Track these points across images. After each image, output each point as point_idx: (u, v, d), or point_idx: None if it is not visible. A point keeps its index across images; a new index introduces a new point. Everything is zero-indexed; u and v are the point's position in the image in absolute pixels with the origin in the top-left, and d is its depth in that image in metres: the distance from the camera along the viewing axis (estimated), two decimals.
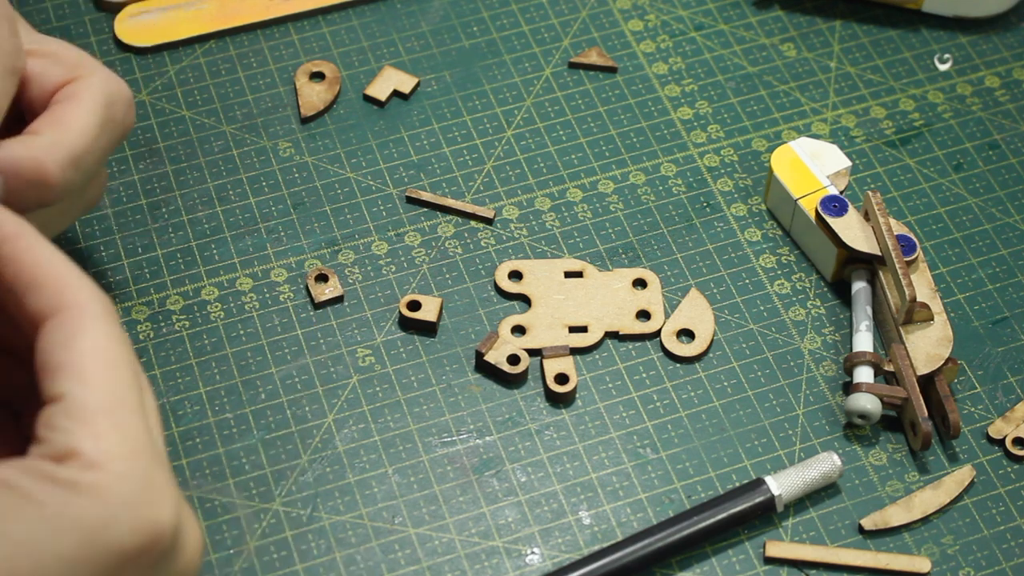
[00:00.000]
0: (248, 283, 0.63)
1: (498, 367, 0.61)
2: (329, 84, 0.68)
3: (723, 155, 0.68)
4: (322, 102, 0.68)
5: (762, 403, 0.61)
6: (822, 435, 0.60)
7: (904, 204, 0.67)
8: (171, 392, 0.60)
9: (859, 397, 0.59)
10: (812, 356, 0.62)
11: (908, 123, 0.69)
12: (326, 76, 0.68)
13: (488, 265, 0.64)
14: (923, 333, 0.61)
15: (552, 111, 0.69)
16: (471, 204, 0.66)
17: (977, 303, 0.64)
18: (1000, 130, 0.69)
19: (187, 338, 0.61)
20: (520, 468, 0.59)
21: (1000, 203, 0.67)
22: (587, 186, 0.67)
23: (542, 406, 0.61)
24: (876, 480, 0.59)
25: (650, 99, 0.70)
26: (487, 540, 0.58)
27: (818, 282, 0.64)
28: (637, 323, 0.63)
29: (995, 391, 0.62)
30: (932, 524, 0.59)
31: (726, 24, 0.72)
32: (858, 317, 0.62)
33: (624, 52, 0.71)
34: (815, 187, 0.64)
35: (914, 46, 0.72)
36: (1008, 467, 0.60)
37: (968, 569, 0.58)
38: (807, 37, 0.72)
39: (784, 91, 0.70)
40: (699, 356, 0.62)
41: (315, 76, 0.69)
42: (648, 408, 0.61)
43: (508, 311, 0.63)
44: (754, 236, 0.66)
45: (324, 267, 0.63)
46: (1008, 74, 0.71)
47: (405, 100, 0.68)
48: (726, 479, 0.59)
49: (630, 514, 0.58)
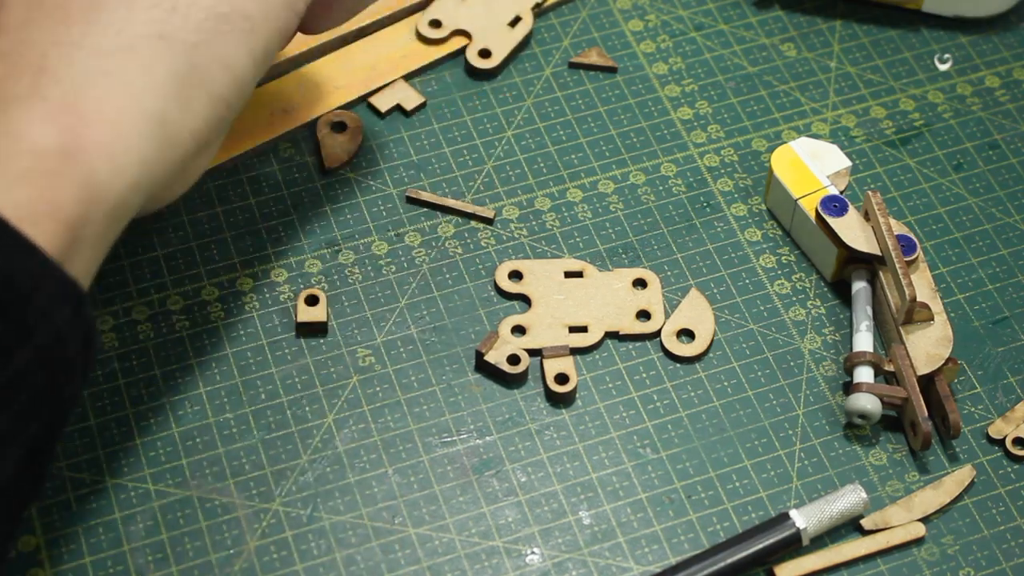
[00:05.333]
0: (248, 283, 0.63)
1: (498, 367, 0.61)
2: (352, 135, 0.67)
3: (723, 155, 0.68)
4: (346, 153, 0.67)
5: (762, 403, 0.61)
6: (822, 435, 0.60)
7: (904, 204, 0.67)
8: (171, 392, 0.60)
9: (859, 397, 0.59)
10: (812, 356, 0.62)
11: (908, 123, 0.69)
12: (348, 127, 0.67)
13: (488, 265, 0.64)
14: (923, 333, 0.61)
15: (552, 111, 0.69)
16: (471, 204, 0.66)
17: (977, 303, 0.64)
18: (1000, 130, 0.69)
19: (187, 338, 0.61)
20: (520, 468, 0.59)
21: (1000, 203, 0.67)
22: (587, 186, 0.67)
23: (542, 406, 0.61)
24: (876, 480, 0.59)
25: (650, 99, 0.70)
26: (487, 540, 0.58)
27: (818, 282, 0.64)
28: (637, 323, 0.63)
29: (995, 391, 0.62)
30: (932, 524, 0.59)
31: (726, 24, 0.72)
32: (858, 317, 0.62)
33: (624, 52, 0.71)
34: (815, 187, 0.64)
35: (914, 46, 0.72)
36: (1008, 467, 0.60)
37: (968, 569, 0.58)
38: (807, 37, 0.72)
39: (784, 91, 0.70)
40: (699, 356, 0.62)
41: (336, 127, 0.67)
42: (648, 408, 0.61)
43: (508, 311, 0.63)
44: (754, 236, 0.66)
45: (317, 289, 0.62)
46: (1008, 74, 0.71)
47: (406, 116, 0.68)
48: (726, 479, 0.59)
49: (630, 514, 0.58)
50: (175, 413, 0.60)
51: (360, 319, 0.62)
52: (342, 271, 0.64)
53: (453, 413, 0.60)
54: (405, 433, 0.60)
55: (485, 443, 0.60)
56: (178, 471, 0.58)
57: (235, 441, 0.59)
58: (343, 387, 0.61)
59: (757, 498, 0.59)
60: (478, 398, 0.61)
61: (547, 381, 0.61)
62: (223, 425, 0.59)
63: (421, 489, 0.59)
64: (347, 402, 0.60)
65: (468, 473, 0.59)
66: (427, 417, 0.60)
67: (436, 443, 0.60)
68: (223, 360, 0.61)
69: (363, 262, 0.64)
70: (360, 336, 0.62)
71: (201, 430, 0.59)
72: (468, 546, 0.57)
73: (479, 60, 0.69)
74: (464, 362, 0.62)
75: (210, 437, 0.59)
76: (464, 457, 0.59)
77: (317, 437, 0.59)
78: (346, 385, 0.61)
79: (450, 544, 0.57)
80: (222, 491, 0.58)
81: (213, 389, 0.60)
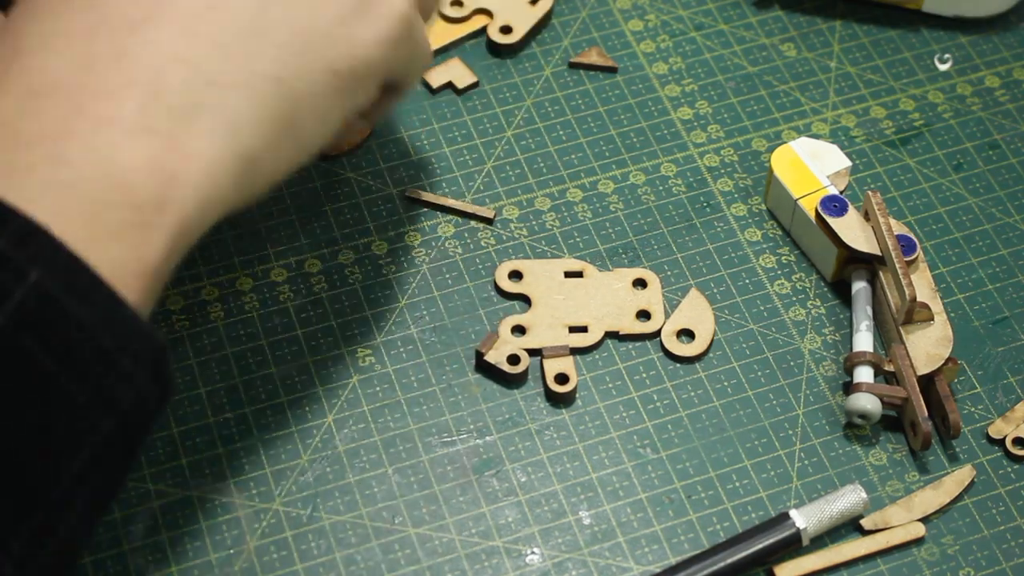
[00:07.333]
0: (248, 283, 0.63)
1: (498, 367, 0.61)
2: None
3: (723, 155, 0.68)
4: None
5: (762, 403, 0.61)
6: (822, 435, 0.60)
7: (904, 204, 0.67)
8: None
9: (859, 397, 0.59)
10: (812, 356, 0.62)
11: (908, 123, 0.69)
12: None
13: (488, 265, 0.64)
14: (923, 333, 0.61)
15: (552, 111, 0.69)
16: (471, 204, 0.66)
17: (977, 303, 0.64)
18: (1000, 130, 0.69)
19: (187, 338, 0.61)
20: (520, 468, 0.59)
21: (1000, 203, 0.67)
22: (587, 186, 0.67)
23: (542, 406, 0.61)
24: (876, 480, 0.59)
25: (650, 99, 0.70)
26: (487, 540, 0.58)
27: (818, 282, 0.64)
28: (637, 323, 0.63)
29: (995, 391, 0.62)
30: (932, 524, 0.59)
31: (726, 24, 0.72)
32: (858, 317, 0.62)
33: (624, 52, 0.71)
34: (815, 187, 0.64)
35: (914, 46, 0.72)
36: (1008, 467, 0.60)
37: (968, 569, 0.58)
38: (807, 37, 0.72)
39: (784, 91, 0.70)
40: (699, 356, 0.62)
41: None
42: (648, 408, 0.61)
43: (508, 311, 0.63)
44: (754, 236, 0.66)
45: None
46: (1008, 74, 0.71)
47: (457, 95, 0.69)
48: (726, 479, 0.59)
49: (630, 514, 0.58)
50: (175, 413, 0.60)
51: (360, 319, 0.62)
52: (342, 271, 0.64)
53: (453, 413, 0.60)
54: (405, 433, 0.60)
55: (485, 443, 0.60)
56: (178, 471, 0.58)
57: (235, 441, 0.59)
58: (343, 387, 0.61)
59: (757, 498, 0.59)
60: (478, 398, 0.61)
61: (547, 381, 0.61)
62: (223, 425, 0.59)
63: (421, 489, 0.59)
64: (347, 402, 0.60)
65: (468, 473, 0.59)
66: (427, 417, 0.60)
67: (436, 443, 0.60)
68: (223, 360, 0.61)
69: (363, 262, 0.64)
70: (360, 336, 0.62)
71: (201, 430, 0.59)
72: (468, 546, 0.57)
73: (500, 36, 0.70)
74: (464, 362, 0.62)
75: (210, 437, 0.59)
76: (464, 457, 0.59)
77: (317, 437, 0.59)
78: (346, 385, 0.61)
79: (450, 544, 0.57)
80: (222, 491, 0.58)
81: (213, 389, 0.60)
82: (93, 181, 0.45)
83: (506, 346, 0.61)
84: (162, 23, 0.48)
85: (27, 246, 0.43)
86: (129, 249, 0.45)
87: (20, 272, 0.43)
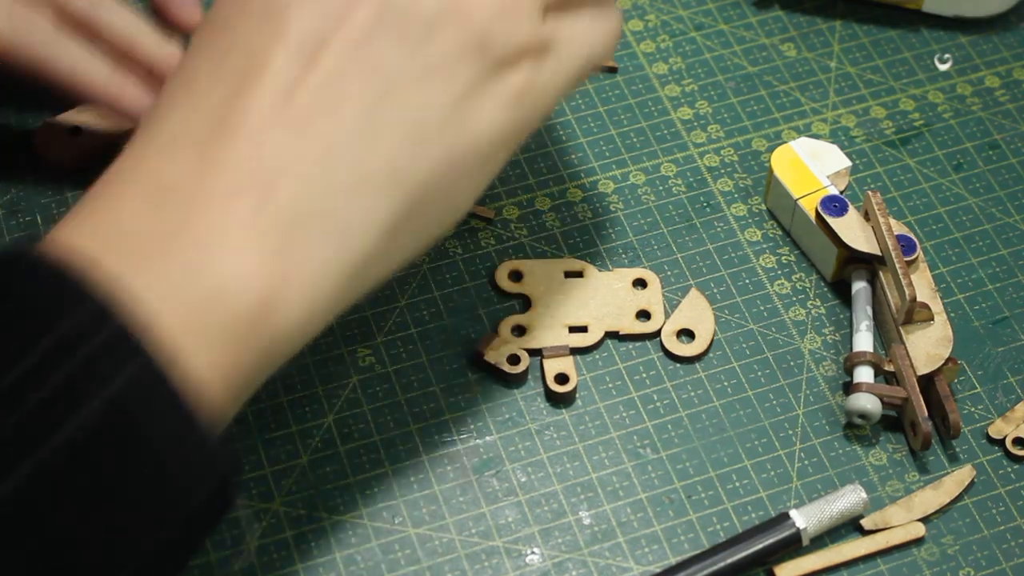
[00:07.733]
0: None
1: (498, 367, 0.61)
2: None
3: (723, 155, 0.68)
4: None
5: (762, 403, 0.61)
6: (822, 435, 0.60)
7: (904, 204, 0.67)
8: None
9: (859, 397, 0.59)
10: (812, 356, 0.62)
11: (908, 123, 0.69)
12: None
13: (488, 265, 0.64)
14: (923, 333, 0.61)
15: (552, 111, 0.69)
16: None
17: (977, 303, 0.64)
18: (1000, 130, 0.69)
19: None
20: (520, 468, 0.59)
21: (1000, 203, 0.67)
22: (587, 186, 0.67)
23: (542, 406, 0.61)
24: (876, 480, 0.59)
25: (650, 99, 0.70)
26: (487, 540, 0.58)
27: (818, 282, 0.64)
28: (637, 323, 0.63)
29: (995, 391, 0.62)
30: (932, 524, 0.59)
31: (726, 24, 0.72)
32: (858, 317, 0.62)
33: (624, 52, 0.71)
34: (815, 187, 0.64)
35: (914, 46, 0.72)
36: (1008, 467, 0.60)
37: (968, 569, 0.58)
38: (807, 37, 0.72)
39: (784, 91, 0.70)
40: (699, 356, 0.62)
41: None
42: (648, 408, 0.61)
43: (508, 311, 0.63)
44: (754, 236, 0.66)
45: None
46: (1008, 74, 0.71)
47: None
48: (726, 479, 0.59)
49: (630, 514, 0.58)
50: None
51: (360, 319, 0.62)
52: None
53: (453, 413, 0.60)
54: (405, 433, 0.60)
55: (485, 443, 0.60)
56: None
57: (235, 441, 0.59)
58: (343, 387, 0.61)
59: (757, 498, 0.59)
60: (478, 398, 0.61)
61: (547, 381, 0.61)
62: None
63: (421, 489, 0.59)
64: (347, 402, 0.60)
65: (468, 473, 0.59)
66: (427, 417, 0.60)
67: (436, 443, 0.60)
68: None
69: None
70: (360, 336, 0.62)
71: None
72: (468, 546, 0.57)
73: None
74: (464, 362, 0.62)
75: None
76: (464, 457, 0.59)
77: (317, 437, 0.59)
78: (346, 385, 0.61)
79: (450, 544, 0.57)
80: None
81: None
82: (198, 287, 0.45)
83: (506, 346, 0.61)
84: (276, 127, 0.47)
85: (118, 351, 0.43)
86: (224, 355, 0.45)
87: (105, 379, 0.42)
